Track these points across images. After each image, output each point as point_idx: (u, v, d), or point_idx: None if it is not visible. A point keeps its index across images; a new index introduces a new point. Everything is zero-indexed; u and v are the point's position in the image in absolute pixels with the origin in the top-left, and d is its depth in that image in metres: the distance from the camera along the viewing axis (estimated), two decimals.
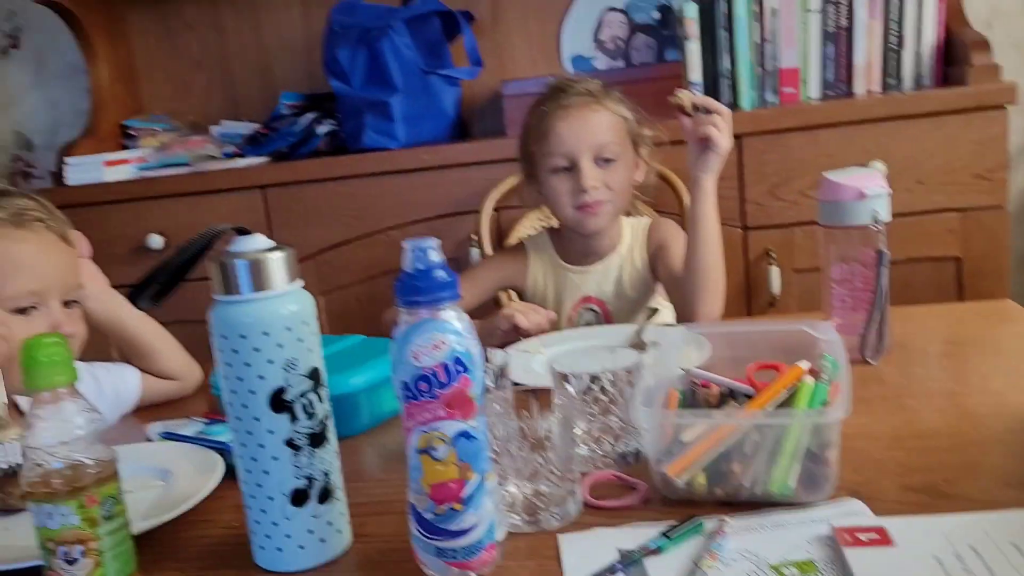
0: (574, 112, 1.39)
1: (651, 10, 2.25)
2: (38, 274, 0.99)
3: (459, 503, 0.67)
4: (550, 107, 1.40)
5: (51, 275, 1.00)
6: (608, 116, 1.41)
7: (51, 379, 0.69)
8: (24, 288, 0.97)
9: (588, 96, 1.41)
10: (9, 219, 0.98)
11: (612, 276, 1.48)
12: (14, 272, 0.97)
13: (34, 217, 1.00)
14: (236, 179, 2.04)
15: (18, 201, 1.01)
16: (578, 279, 1.49)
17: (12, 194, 1.02)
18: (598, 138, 1.39)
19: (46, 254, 1.01)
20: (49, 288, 1.00)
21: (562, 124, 1.39)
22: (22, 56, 2.48)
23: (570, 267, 1.50)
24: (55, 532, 0.69)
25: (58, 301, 1.01)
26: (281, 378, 0.70)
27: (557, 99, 1.41)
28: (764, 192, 1.90)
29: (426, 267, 0.66)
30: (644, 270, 1.48)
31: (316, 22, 2.36)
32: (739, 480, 0.75)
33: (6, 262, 0.97)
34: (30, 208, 1.01)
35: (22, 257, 0.98)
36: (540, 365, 1.16)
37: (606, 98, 1.42)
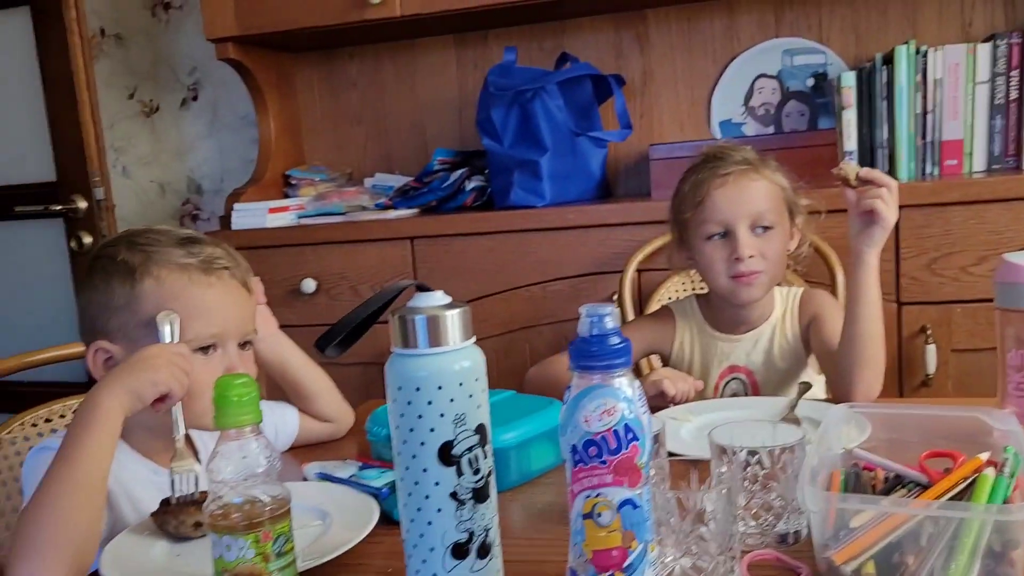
0: (732, 180, 1.38)
1: (805, 77, 2.22)
2: (220, 319, 1.05)
3: (621, 571, 0.66)
4: (706, 174, 1.40)
5: (231, 320, 1.06)
6: (765, 185, 1.40)
7: (239, 418, 0.74)
8: (206, 331, 1.03)
9: (746, 164, 1.40)
10: (199, 266, 1.05)
11: (762, 346, 1.45)
12: (199, 316, 1.03)
13: (221, 265, 1.06)
14: (386, 230, 2.12)
15: (208, 249, 1.07)
16: (726, 347, 1.47)
17: (203, 242, 1.08)
18: (756, 206, 1.38)
19: (229, 300, 1.06)
20: (228, 332, 1.05)
21: (719, 192, 1.38)
22: (199, 107, 2.68)
23: (718, 335, 1.48)
24: (231, 564, 0.73)
25: (235, 344, 1.07)
26: (450, 432, 0.72)
27: (714, 166, 1.40)
28: (922, 266, 1.82)
29: (601, 333, 0.66)
30: (796, 342, 1.44)
31: (470, 83, 2.46)
32: (913, 574, 0.71)
33: (193, 306, 1.03)
34: (218, 256, 1.07)
35: (207, 302, 1.04)
36: (688, 433, 1.15)
37: (763, 167, 1.41)
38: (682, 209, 1.44)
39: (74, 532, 0.85)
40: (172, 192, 2.73)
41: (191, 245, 1.06)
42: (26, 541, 0.84)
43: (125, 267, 1.03)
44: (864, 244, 1.26)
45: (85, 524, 0.86)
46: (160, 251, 1.04)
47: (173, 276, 1.03)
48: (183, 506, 0.92)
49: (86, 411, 0.90)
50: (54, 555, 0.83)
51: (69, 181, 2.61)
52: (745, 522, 0.83)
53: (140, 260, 1.03)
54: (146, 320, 1.01)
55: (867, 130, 1.99)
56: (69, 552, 0.84)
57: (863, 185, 1.25)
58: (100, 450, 0.89)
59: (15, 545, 0.84)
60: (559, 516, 0.94)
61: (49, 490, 0.86)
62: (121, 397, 0.91)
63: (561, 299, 2.04)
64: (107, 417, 0.90)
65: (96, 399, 0.91)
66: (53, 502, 0.85)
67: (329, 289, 2.15)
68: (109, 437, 0.90)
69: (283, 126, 2.51)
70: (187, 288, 1.03)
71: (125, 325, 1.03)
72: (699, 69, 2.32)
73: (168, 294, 1.02)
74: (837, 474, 0.86)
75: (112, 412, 0.90)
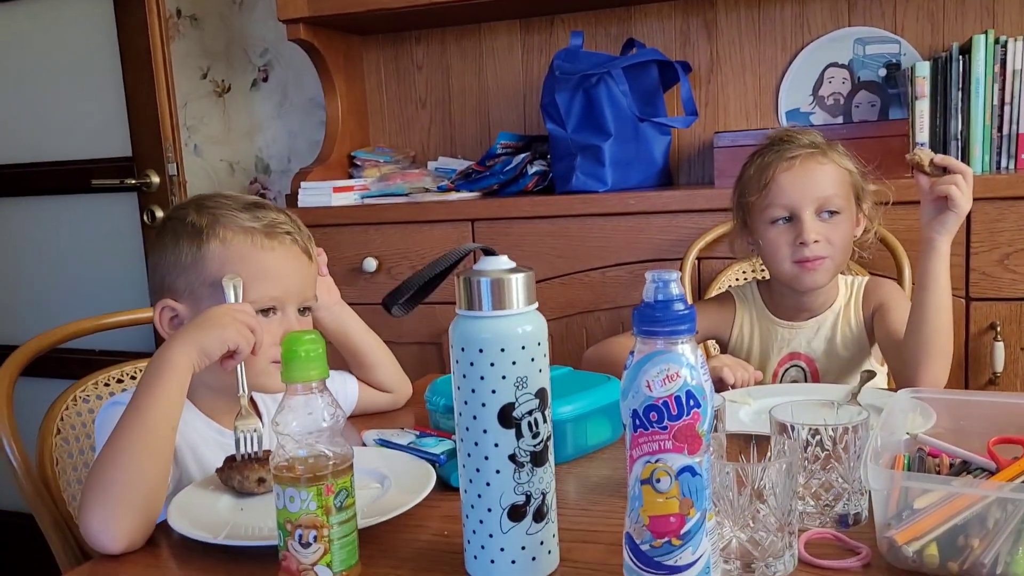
0: (798, 164, 1.36)
1: (877, 67, 2.17)
2: (281, 283, 1.07)
3: (678, 538, 0.66)
4: (772, 157, 1.38)
5: (291, 284, 1.08)
6: (833, 169, 1.37)
7: (306, 373, 0.75)
8: (267, 294, 1.06)
9: (813, 148, 1.38)
10: (262, 230, 1.07)
11: (824, 334, 1.43)
12: (261, 278, 1.05)
13: (284, 230, 1.09)
14: (448, 211, 2.14)
15: (272, 214, 1.10)
16: (787, 334, 1.45)
17: (268, 207, 1.11)
18: (823, 191, 1.35)
19: (290, 265, 1.09)
20: (288, 296, 1.08)
21: (785, 176, 1.36)
22: (269, 88, 2.73)
23: (779, 321, 1.46)
24: (295, 515, 0.75)
25: (295, 308, 1.09)
26: (511, 394, 0.73)
27: (780, 150, 1.38)
28: (993, 262, 1.77)
29: (666, 299, 0.66)
30: (859, 330, 1.42)
31: (535, 68, 2.46)
32: (978, 557, 0.69)
33: (255, 269, 1.06)
34: (281, 222, 1.10)
35: (269, 266, 1.07)
36: (746, 415, 1.14)
37: (831, 150, 1.39)
38: (746, 193, 1.42)
39: (144, 480, 0.88)
40: (241, 171, 2.79)
41: (256, 210, 1.09)
42: (98, 489, 0.87)
43: (193, 228, 1.06)
44: (936, 231, 1.24)
45: (154, 473, 0.89)
46: (226, 214, 1.07)
47: (238, 239, 1.06)
48: (247, 463, 0.95)
49: (156, 365, 0.94)
50: (125, 502, 0.86)
51: (144, 157, 2.68)
52: (804, 501, 0.83)
53: (207, 222, 1.06)
54: (211, 280, 1.04)
55: (941, 121, 1.93)
56: (139, 500, 0.87)
57: (937, 171, 1.22)
58: (169, 402, 0.92)
59: (87, 494, 0.87)
60: (614, 489, 0.95)
61: (120, 440, 0.89)
62: (190, 352, 0.94)
63: (620, 285, 2.03)
64: (176, 371, 0.93)
65: (166, 354, 0.94)
66: (124, 451, 0.88)
67: (390, 268, 2.18)
68: (178, 390, 0.93)
69: (349, 108, 2.55)
70: (251, 251, 1.06)
71: (191, 284, 1.06)
72: (767, 57, 2.28)
73: (233, 256, 1.05)
74: (900, 458, 0.85)
75: (181, 366, 0.93)
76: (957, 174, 1.21)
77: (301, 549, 0.75)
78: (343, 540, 0.76)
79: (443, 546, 0.83)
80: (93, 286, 2.87)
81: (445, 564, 0.79)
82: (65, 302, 2.92)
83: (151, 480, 0.89)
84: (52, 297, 2.95)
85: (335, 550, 0.76)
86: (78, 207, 2.86)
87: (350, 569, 0.77)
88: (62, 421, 1.25)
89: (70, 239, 2.89)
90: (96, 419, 1.07)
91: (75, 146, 2.81)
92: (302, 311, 1.11)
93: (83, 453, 1.26)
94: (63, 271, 2.92)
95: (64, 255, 2.91)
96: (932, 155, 1.24)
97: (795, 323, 1.45)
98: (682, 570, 0.66)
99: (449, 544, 0.83)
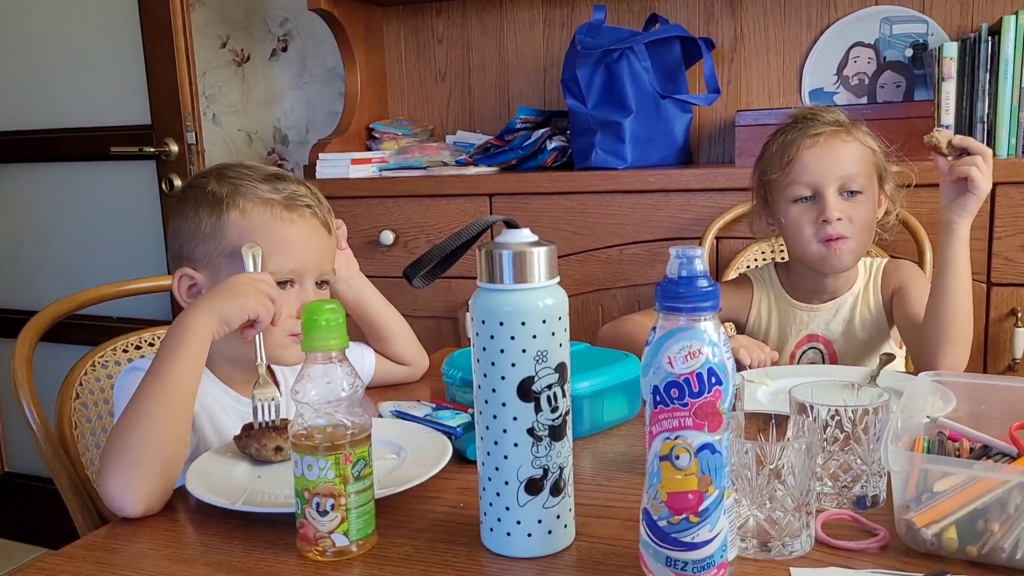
0: (822, 141, 1.34)
1: (904, 47, 2.14)
2: (299, 255, 1.07)
3: (696, 515, 0.66)
4: (796, 135, 1.36)
5: (310, 257, 1.08)
6: (857, 147, 1.35)
7: (326, 342, 0.76)
8: (285, 266, 1.05)
9: (837, 126, 1.36)
10: (282, 201, 1.07)
11: (843, 316, 1.42)
12: (279, 250, 1.05)
13: (304, 203, 1.09)
14: (466, 185, 2.13)
15: (292, 186, 1.10)
16: (806, 316, 1.44)
17: (289, 179, 1.11)
18: (846, 169, 1.34)
19: (308, 238, 1.08)
20: (306, 268, 1.07)
21: (808, 153, 1.34)
22: (288, 59, 2.72)
23: (797, 303, 1.45)
24: (312, 483, 0.75)
25: (312, 281, 1.09)
26: (531, 368, 0.72)
27: (804, 127, 1.37)
28: (1017, 247, 1.75)
29: (690, 275, 0.66)
30: (879, 313, 1.41)
31: (556, 42, 2.44)
32: (998, 542, 0.69)
33: (274, 240, 1.05)
34: (301, 194, 1.09)
35: (288, 238, 1.06)
36: (764, 396, 1.14)
37: (855, 129, 1.37)
38: (768, 170, 1.41)
39: (163, 445, 0.88)
40: (259, 141, 2.79)
41: (277, 181, 1.09)
42: (117, 453, 0.87)
43: (213, 198, 1.06)
44: (955, 214, 1.22)
45: (173, 438, 0.90)
46: (247, 184, 1.07)
47: (257, 210, 1.06)
48: (265, 431, 0.95)
49: (177, 332, 0.94)
50: (144, 466, 0.87)
51: (163, 125, 2.68)
52: (822, 482, 0.82)
53: (227, 192, 1.06)
54: (230, 250, 1.05)
55: (967, 103, 1.90)
56: (158, 464, 0.87)
57: (955, 153, 1.20)
58: (189, 368, 0.92)
59: (107, 457, 0.88)
60: (630, 465, 0.95)
61: (140, 405, 0.90)
62: (211, 320, 0.94)
63: (637, 263, 2.02)
64: (196, 337, 0.93)
65: (187, 321, 0.94)
66: (144, 416, 0.89)
67: (407, 242, 2.18)
68: (198, 357, 0.93)
69: (369, 80, 2.53)
70: (270, 223, 1.06)
71: (210, 254, 1.06)
72: (792, 35, 2.25)
73: (252, 226, 1.05)
74: (920, 441, 0.84)
75: (201, 333, 0.93)
76: (977, 155, 1.19)
77: (319, 517, 0.76)
78: (360, 509, 0.77)
79: (459, 518, 0.84)
80: (112, 253, 2.89)
81: (461, 536, 0.80)
82: (84, 269, 2.94)
83: (170, 445, 0.89)
84: (71, 264, 2.97)
85: (352, 519, 0.76)
86: (97, 174, 2.87)
87: (367, 538, 0.77)
88: (80, 386, 1.26)
89: (89, 206, 2.91)
90: (115, 384, 1.07)
91: (95, 113, 2.82)
92: (319, 284, 1.11)
93: (101, 418, 1.27)
94: (82, 238, 2.94)
95: (83, 222, 2.93)
96: (951, 136, 1.22)
97: (813, 305, 1.43)
98: (699, 547, 0.66)
99: (465, 516, 0.83)
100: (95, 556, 0.80)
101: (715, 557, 0.67)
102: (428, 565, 0.75)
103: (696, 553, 0.66)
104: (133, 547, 0.82)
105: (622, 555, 0.75)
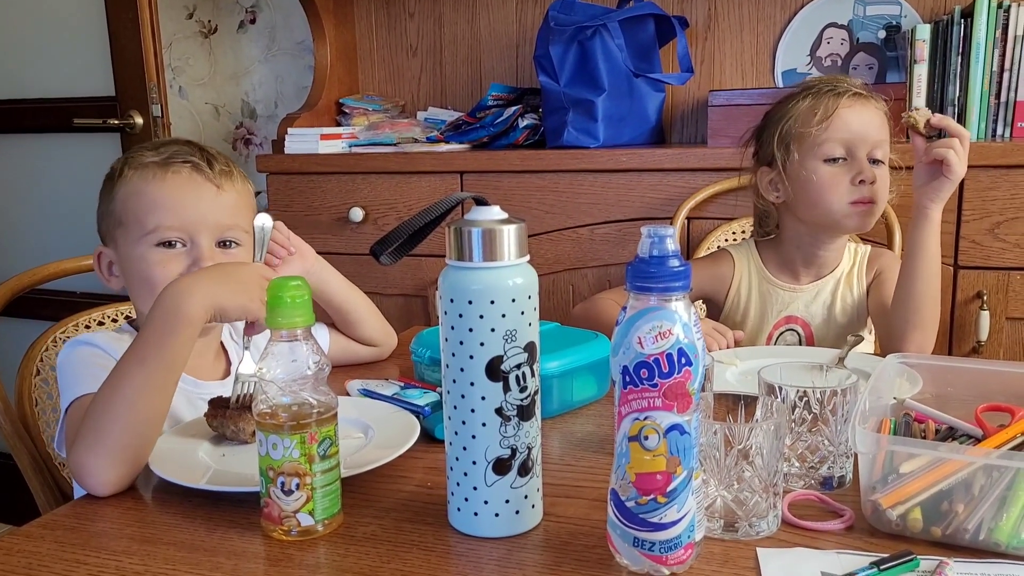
0: (860, 103, 1.31)
1: (877, 29, 2.14)
2: (176, 212, 1.03)
3: (664, 496, 0.66)
4: (829, 95, 1.32)
5: (192, 214, 1.03)
6: (883, 118, 1.33)
7: (291, 319, 0.74)
8: (162, 223, 1.02)
9: (867, 92, 1.33)
10: (159, 163, 1.04)
11: (823, 299, 1.41)
12: (152, 208, 1.02)
13: (181, 160, 1.05)
14: (437, 162, 2.11)
15: (176, 148, 1.07)
16: (786, 297, 1.43)
17: (181, 145, 1.08)
18: (880, 134, 1.31)
19: (187, 194, 1.04)
20: (190, 225, 1.03)
21: (849, 111, 1.30)
22: (256, 31, 2.67)
23: (779, 283, 1.44)
24: (277, 462, 0.74)
25: (208, 240, 1.04)
26: (500, 347, 0.71)
27: (836, 88, 1.32)
28: (983, 230, 1.77)
29: (661, 255, 0.65)
30: (860, 299, 1.40)
31: (529, 18, 2.42)
32: (962, 523, 0.70)
33: (148, 201, 1.03)
34: (183, 154, 1.06)
35: (161, 196, 1.03)
36: (733, 376, 1.14)
37: (880, 101, 1.35)
38: (790, 128, 1.34)
39: (141, 433, 0.86)
40: (226, 114, 2.74)
41: (166, 148, 1.07)
42: (94, 434, 0.84)
43: (111, 172, 1.08)
44: (928, 198, 1.22)
45: (152, 427, 0.87)
46: (135, 155, 1.07)
47: (135, 174, 1.05)
48: (242, 413, 0.93)
49: (168, 315, 0.88)
50: (119, 451, 0.84)
51: (127, 97, 2.63)
52: (789, 463, 0.83)
53: (119, 165, 1.07)
54: (118, 220, 1.05)
55: (938, 86, 1.92)
56: (132, 451, 0.85)
57: (934, 133, 1.20)
58: (178, 357, 0.89)
59: (83, 436, 0.85)
60: (598, 445, 0.95)
61: (122, 388, 0.86)
62: (205, 306, 0.90)
63: (608, 243, 2.02)
64: (191, 326, 0.89)
65: (182, 306, 0.89)
66: (124, 400, 0.85)
67: (377, 219, 2.16)
68: (188, 345, 0.89)
69: (339, 54, 2.50)
70: (142, 184, 1.04)
71: (110, 228, 1.07)
72: (766, 15, 2.25)
73: (130, 191, 1.04)
74: (887, 422, 0.84)
75: (196, 321, 0.89)
76: (954, 138, 1.18)
77: (283, 496, 0.74)
78: (326, 489, 0.76)
79: (426, 498, 0.83)
80: (75, 228, 2.83)
81: (428, 516, 0.79)
82: (46, 243, 2.88)
83: (148, 433, 0.87)
84: (32, 238, 2.91)
85: (317, 498, 0.75)
86: (60, 146, 2.80)
87: (332, 517, 0.76)
88: (41, 362, 1.24)
89: (52, 179, 2.84)
90: (59, 356, 1.03)
91: (57, 84, 2.75)
92: (225, 244, 1.06)
93: None
94: (44, 211, 2.88)
95: (45, 195, 2.86)
96: (929, 115, 1.21)
97: (794, 285, 1.43)
98: (666, 527, 0.66)
99: (432, 496, 0.83)
100: (55, 535, 0.78)
101: (682, 537, 0.67)
102: (395, 545, 0.74)
103: (664, 533, 0.66)
104: (95, 526, 0.80)
105: (590, 535, 0.74)
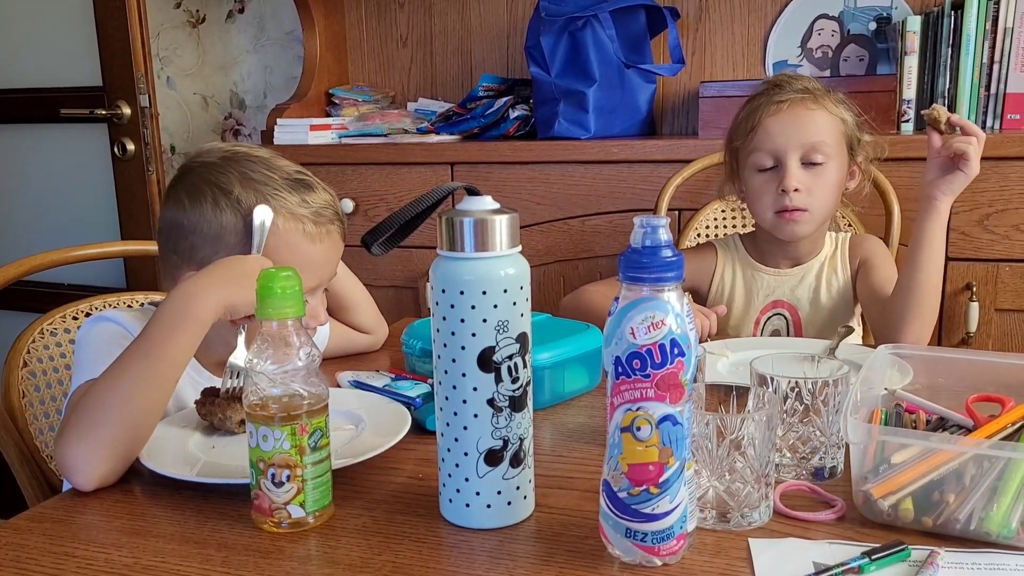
0: (786, 108, 1.33)
1: (868, 20, 2.14)
2: (320, 274, 1.03)
3: (656, 487, 0.66)
4: (763, 101, 1.35)
5: (327, 273, 1.05)
6: (824, 116, 1.34)
7: (282, 310, 0.73)
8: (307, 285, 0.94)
9: (805, 93, 1.34)
10: (311, 217, 1.01)
11: (809, 282, 1.42)
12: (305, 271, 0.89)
13: (329, 218, 1.03)
14: (428, 153, 2.10)
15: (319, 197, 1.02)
16: (772, 281, 1.43)
17: (314, 187, 1.03)
18: (809, 137, 1.33)
19: (331, 256, 1.05)
20: (322, 283, 1.05)
21: (772, 120, 1.33)
22: (245, 21, 2.65)
23: (764, 268, 1.44)
24: (267, 454, 0.73)
25: (322, 289, 1.06)
26: (492, 338, 0.71)
27: (771, 94, 1.35)
28: (973, 222, 1.77)
29: (654, 245, 0.65)
30: (846, 283, 1.41)
31: (520, 9, 2.41)
32: (952, 513, 0.70)
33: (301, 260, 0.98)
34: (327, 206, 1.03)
35: (314, 258, 1.01)
36: (724, 368, 1.14)
37: (825, 97, 1.35)
38: (734, 137, 1.40)
39: (135, 428, 0.85)
40: (215, 105, 2.73)
41: (304, 191, 1.02)
42: (85, 425, 0.83)
43: (240, 205, 0.99)
44: (940, 190, 1.23)
45: (146, 423, 0.86)
46: (275, 195, 1.00)
47: (289, 226, 1.00)
48: (231, 402, 0.93)
49: (176, 311, 0.87)
50: (110, 446, 0.83)
51: (114, 87, 2.60)
52: (781, 454, 0.83)
53: (256, 201, 0.99)
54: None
55: (929, 78, 1.92)
56: (123, 446, 0.84)
57: (951, 130, 1.21)
58: (182, 355, 0.87)
59: (73, 426, 0.83)
60: (590, 436, 0.95)
61: (120, 382, 0.85)
62: (216, 306, 0.88)
63: (599, 234, 2.02)
64: (199, 325, 0.88)
65: (192, 305, 0.88)
66: (121, 395, 0.84)
67: (367, 210, 2.15)
68: (193, 343, 0.88)
69: (328, 44, 2.48)
70: (299, 241, 1.00)
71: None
72: (757, 7, 2.24)
73: (281, 244, 0.99)
74: (878, 412, 0.85)
75: (204, 319, 0.88)
76: (972, 136, 1.19)
77: (274, 488, 0.74)
78: (317, 480, 0.75)
79: (417, 489, 0.83)
80: (62, 219, 2.81)
81: (419, 507, 0.79)
82: (33, 234, 2.86)
83: (143, 429, 0.86)
84: (19, 229, 2.88)
85: (308, 490, 0.75)
86: (47, 137, 2.78)
87: (323, 509, 0.76)
88: (28, 354, 1.23)
89: (38, 170, 2.82)
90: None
91: (44, 73, 2.72)
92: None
93: (50, 387, 1.23)
94: (31, 202, 2.85)
95: (32, 186, 2.84)
96: (949, 114, 1.22)
97: (779, 270, 1.44)
98: (659, 518, 0.66)
99: (424, 487, 0.83)
100: (43, 528, 0.77)
101: (675, 528, 0.67)
102: (386, 536, 0.74)
103: (656, 524, 0.66)
104: (83, 518, 0.80)
105: (582, 526, 0.74)
